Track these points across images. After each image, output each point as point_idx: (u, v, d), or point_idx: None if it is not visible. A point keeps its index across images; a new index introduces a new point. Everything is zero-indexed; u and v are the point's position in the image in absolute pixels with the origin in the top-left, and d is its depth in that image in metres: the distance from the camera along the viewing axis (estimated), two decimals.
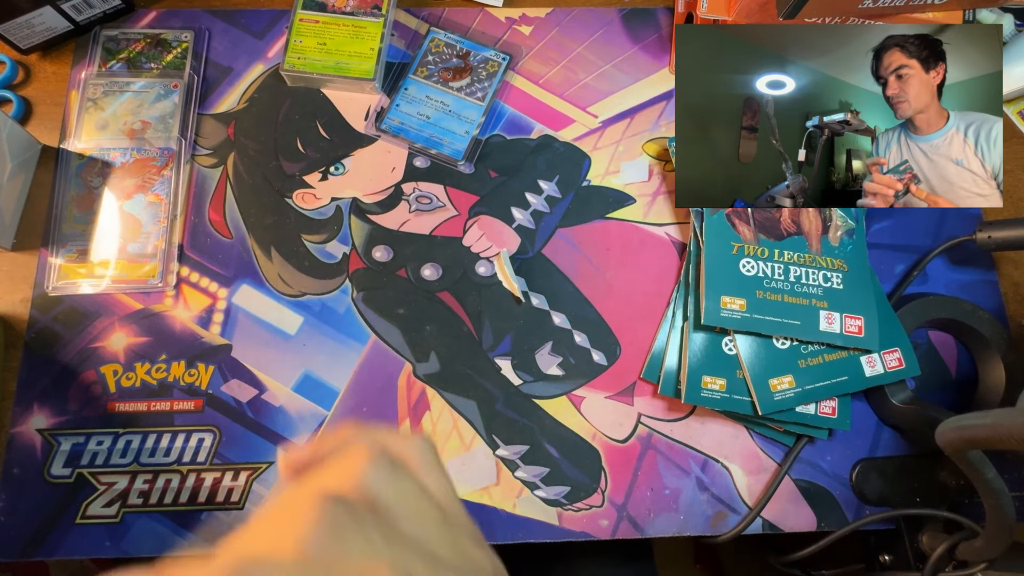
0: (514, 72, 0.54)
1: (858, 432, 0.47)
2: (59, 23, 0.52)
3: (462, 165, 0.51)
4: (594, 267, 0.50)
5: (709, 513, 0.45)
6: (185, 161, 0.51)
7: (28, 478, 0.43)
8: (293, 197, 0.50)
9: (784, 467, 0.45)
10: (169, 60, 0.53)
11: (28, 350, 0.46)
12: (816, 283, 0.45)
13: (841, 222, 0.47)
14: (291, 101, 0.53)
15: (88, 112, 0.51)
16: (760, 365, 0.44)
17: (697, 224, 0.47)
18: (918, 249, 0.51)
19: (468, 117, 0.52)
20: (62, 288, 0.47)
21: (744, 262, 0.45)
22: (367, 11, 0.53)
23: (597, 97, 0.54)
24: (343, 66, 0.52)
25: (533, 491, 0.44)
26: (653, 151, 0.53)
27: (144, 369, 0.46)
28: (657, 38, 0.56)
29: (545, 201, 0.51)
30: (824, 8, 0.44)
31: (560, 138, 0.53)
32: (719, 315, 0.44)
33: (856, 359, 0.44)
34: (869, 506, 0.45)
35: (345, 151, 0.52)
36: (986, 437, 0.32)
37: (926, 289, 0.50)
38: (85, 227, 0.48)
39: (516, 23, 0.56)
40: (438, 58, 0.53)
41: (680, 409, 0.47)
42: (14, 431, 0.44)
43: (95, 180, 0.49)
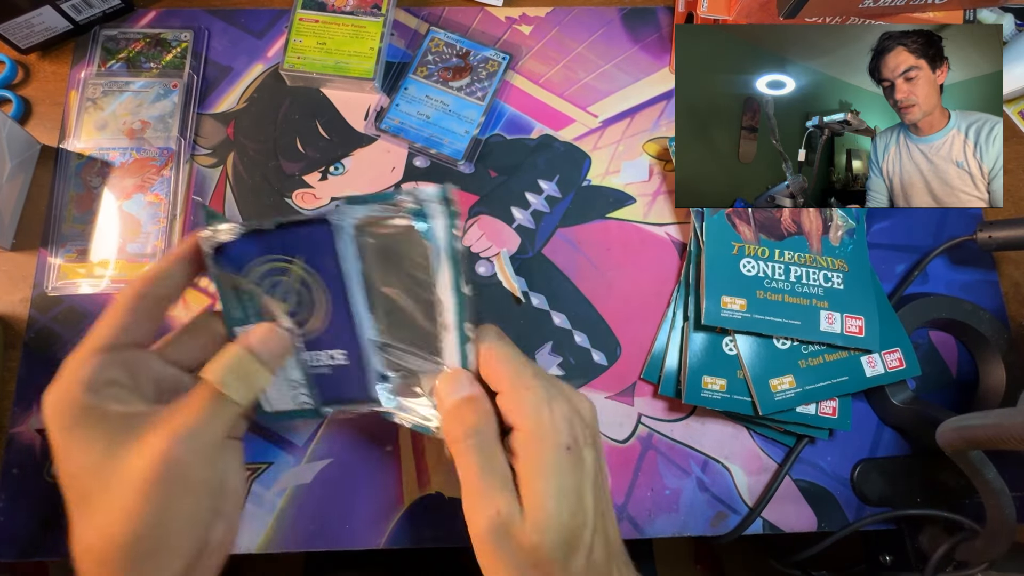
0: (514, 72, 0.54)
1: (858, 432, 0.47)
2: (59, 23, 0.52)
3: (462, 165, 0.51)
4: (594, 267, 0.49)
5: (709, 513, 0.45)
6: (184, 161, 0.50)
7: (28, 478, 0.43)
8: (293, 197, 0.50)
9: (784, 467, 0.45)
10: (169, 60, 0.53)
11: (27, 350, 0.46)
12: (817, 283, 0.45)
13: (842, 222, 0.47)
14: (291, 101, 0.53)
15: (87, 112, 0.51)
16: (760, 365, 0.44)
17: (697, 224, 0.47)
18: (919, 249, 0.50)
19: (468, 117, 0.52)
20: (61, 288, 0.47)
21: (744, 262, 0.45)
22: (367, 11, 0.53)
23: (597, 97, 0.54)
24: (343, 66, 0.52)
25: None
26: (653, 151, 0.53)
27: None
28: (657, 38, 0.56)
29: (545, 201, 0.51)
30: (824, 8, 0.44)
31: (560, 138, 0.53)
32: (719, 315, 0.44)
33: (857, 359, 0.44)
34: (869, 506, 0.45)
35: (345, 151, 0.52)
36: (986, 437, 0.32)
37: (927, 289, 0.50)
38: (84, 227, 0.48)
39: (516, 23, 0.56)
40: (438, 58, 0.53)
41: (680, 409, 0.47)
42: (13, 431, 0.44)
43: (94, 180, 0.49)
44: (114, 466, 0.26)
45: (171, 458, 0.26)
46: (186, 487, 0.27)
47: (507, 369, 0.30)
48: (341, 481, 0.44)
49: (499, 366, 0.30)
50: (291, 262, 0.31)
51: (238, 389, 0.29)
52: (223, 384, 0.28)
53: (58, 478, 0.28)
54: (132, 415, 0.28)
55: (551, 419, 0.28)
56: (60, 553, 0.42)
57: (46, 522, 0.43)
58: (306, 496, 0.44)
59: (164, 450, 0.26)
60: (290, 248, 0.31)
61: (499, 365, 0.30)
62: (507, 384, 0.29)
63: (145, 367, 0.30)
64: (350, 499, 0.44)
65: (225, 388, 0.28)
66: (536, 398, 0.29)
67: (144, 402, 0.29)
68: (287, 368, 0.33)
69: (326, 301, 0.32)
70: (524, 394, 0.29)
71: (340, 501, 0.44)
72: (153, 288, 0.31)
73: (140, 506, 0.26)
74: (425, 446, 0.45)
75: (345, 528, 0.43)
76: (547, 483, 0.27)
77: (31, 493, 0.43)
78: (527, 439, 0.28)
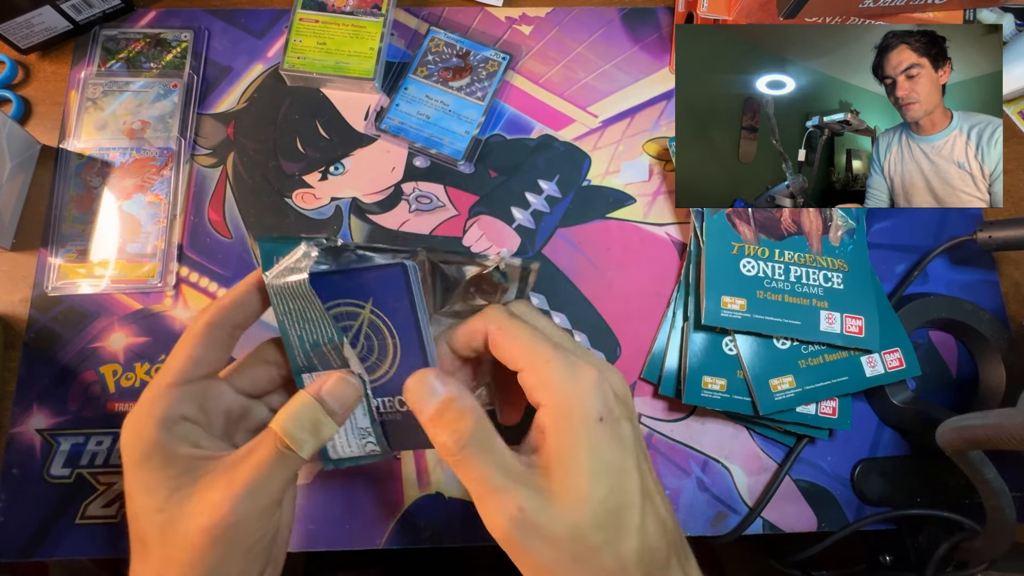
0: (514, 72, 0.54)
1: (858, 432, 0.47)
2: (58, 23, 0.52)
3: (462, 165, 0.51)
4: (594, 267, 0.49)
5: (709, 513, 0.45)
6: (184, 161, 0.50)
7: (28, 478, 0.43)
8: (293, 197, 0.50)
9: (784, 467, 0.45)
10: (168, 60, 0.53)
11: (27, 350, 0.46)
12: (816, 283, 0.45)
13: (842, 222, 0.47)
14: (291, 101, 0.53)
15: (87, 112, 0.51)
16: (760, 365, 0.44)
17: (697, 224, 0.47)
18: (919, 249, 0.50)
19: (468, 117, 0.52)
20: (61, 288, 0.47)
21: (744, 262, 0.45)
22: (367, 11, 0.53)
23: (597, 97, 0.54)
24: (343, 66, 0.52)
25: None
26: (653, 151, 0.53)
27: (144, 369, 0.46)
28: (657, 38, 0.56)
29: (545, 201, 0.51)
30: (824, 8, 0.44)
31: (560, 138, 0.53)
32: (719, 315, 0.44)
33: (856, 359, 0.44)
34: (869, 506, 0.45)
35: (345, 151, 0.52)
36: (986, 437, 0.32)
37: (927, 289, 0.50)
38: (84, 227, 0.48)
39: (516, 23, 0.56)
40: (438, 58, 0.53)
41: (680, 409, 0.46)
42: (13, 431, 0.44)
43: (94, 180, 0.49)
44: (173, 517, 0.27)
45: (231, 520, 0.26)
46: (244, 546, 0.27)
47: (520, 347, 0.28)
48: (341, 481, 0.44)
49: (511, 346, 0.28)
50: (362, 306, 0.29)
51: (305, 442, 0.28)
52: (290, 437, 0.27)
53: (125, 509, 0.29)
54: (198, 459, 0.28)
55: (576, 389, 0.26)
56: (60, 553, 0.42)
57: (46, 522, 0.43)
58: (306, 496, 0.44)
59: (226, 512, 0.26)
60: (359, 291, 0.29)
61: (510, 345, 0.28)
62: (524, 362, 0.27)
63: (215, 398, 0.30)
64: (350, 499, 0.44)
65: (292, 441, 0.27)
66: (557, 370, 0.26)
67: (212, 439, 0.29)
68: (355, 416, 0.31)
69: (394, 345, 0.30)
70: (544, 369, 0.26)
71: (340, 501, 0.44)
72: (226, 317, 0.30)
73: (196, 565, 0.26)
74: None
75: (345, 528, 0.43)
76: (579, 459, 0.25)
77: (31, 493, 0.43)
78: (554, 415, 0.26)
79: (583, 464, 0.25)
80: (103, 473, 0.44)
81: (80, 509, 0.43)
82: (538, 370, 0.27)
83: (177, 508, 0.27)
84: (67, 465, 0.44)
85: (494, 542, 0.26)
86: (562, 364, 0.26)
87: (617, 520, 0.25)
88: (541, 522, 0.24)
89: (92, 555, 0.43)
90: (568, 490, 0.25)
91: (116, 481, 0.44)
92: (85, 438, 0.44)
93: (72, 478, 0.43)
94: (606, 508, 0.24)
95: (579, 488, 0.24)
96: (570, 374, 0.26)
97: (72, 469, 0.44)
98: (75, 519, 0.43)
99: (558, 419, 0.26)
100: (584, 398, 0.26)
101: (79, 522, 0.43)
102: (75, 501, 0.43)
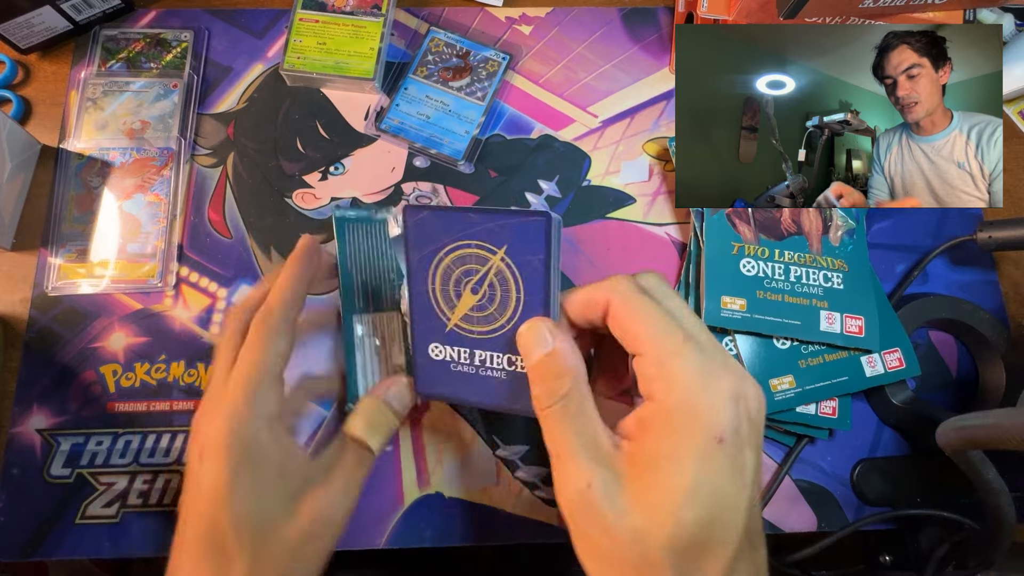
0: (514, 72, 0.54)
1: (858, 432, 0.47)
2: (58, 23, 0.52)
3: (462, 165, 0.51)
4: (594, 267, 0.49)
5: None
6: (184, 161, 0.50)
7: (28, 478, 0.43)
8: (293, 197, 0.50)
9: (784, 467, 0.45)
10: (169, 60, 0.53)
11: (27, 350, 0.46)
12: (816, 283, 0.45)
13: (842, 222, 0.47)
14: (291, 101, 0.53)
15: (88, 112, 0.51)
16: (760, 365, 0.44)
17: (697, 224, 0.47)
18: (918, 249, 0.50)
19: (468, 117, 0.52)
20: (61, 288, 0.47)
21: (744, 262, 0.45)
22: (367, 11, 0.53)
23: (597, 97, 0.54)
24: (343, 66, 0.52)
25: (533, 491, 0.44)
26: (653, 151, 0.53)
27: (143, 369, 0.46)
28: (657, 38, 0.56)
29: (545, 201, 0.51)
30: (824, 8, 0.44)
31: (560, 138, 0.53)
32: (719, 315, 0.44)
33: (856, 359, 0.44)
34: (869, 506, 0.45)
35: (345, 151, 0.52)
36: (986, 437, 0.32)
37: (926, 289, 0.50)
38: (84, 227, 0.48)
39: (516, 23, 0.56)
40: (438, 58, 0.53)
41: None
42: (13, 431, 0.44)
43: (94, 180, 0.49)
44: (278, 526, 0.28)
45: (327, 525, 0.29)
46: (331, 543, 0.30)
47: (646, 329, 0.24)
48: None
49: (634, 325, 0.24)
50: (494, 252, 0.28)
51: (378, 440, 0.32)
52: (368, 437, 0.32)
53: (184, 505, 0.29)
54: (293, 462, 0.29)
55: (706, 399, 0.22)
56: (60, 553, 0.42)
57: (46, 522, 0.43)
58: None
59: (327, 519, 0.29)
60: (494, 236, 0.27)
61: (634, 324, 0.25)
62: (648, 346, 0.24)
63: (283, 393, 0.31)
64: None
65: (370, 440, 0.31)
66: (687, 369, 0.23)
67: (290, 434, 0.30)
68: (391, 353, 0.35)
69: (517, 300, 0.28)
70: (669, 362, 0.23)
71: None
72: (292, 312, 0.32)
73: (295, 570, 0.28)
74: (425, 446, 0.45)
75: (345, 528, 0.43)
76: (681, 473, 0.21)
77: (31, 493, 0.43)
78: (668, 417, 0.23)
79: (684, 479, 0.22)
80: (103, 473, 0.44)
81: (80, 509, 0.43)
82: (662, 362, 0.23)
83: (283, 518, 0.28)
84: (67, 465, 0.44)
85: (494, 542, 0.26)
86: (694, 362, 0.23)
87: (700, 553, 0.21)
88: (603, 508, 0.22)
89: (92, 555, 0.43)
90: (652, 495, 0.22)
91: (116, 481, 0.44)
92: (85, 438, 0.44)
93: (72, 478, 0.44)
94: (690, 535, 0.21)
95: (666, 502, 0.22)
96: (702, 378, 0.23)
97: (72, 469, 0.44)
98: (75, 519, 0.43)
99: (672, 423, 0.22)
100: (712, 411, 0.22)
101: (79, 522, 0.43)
102: (75, 501, 0.43)
